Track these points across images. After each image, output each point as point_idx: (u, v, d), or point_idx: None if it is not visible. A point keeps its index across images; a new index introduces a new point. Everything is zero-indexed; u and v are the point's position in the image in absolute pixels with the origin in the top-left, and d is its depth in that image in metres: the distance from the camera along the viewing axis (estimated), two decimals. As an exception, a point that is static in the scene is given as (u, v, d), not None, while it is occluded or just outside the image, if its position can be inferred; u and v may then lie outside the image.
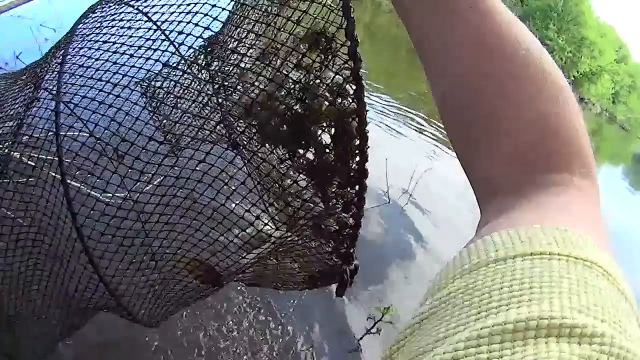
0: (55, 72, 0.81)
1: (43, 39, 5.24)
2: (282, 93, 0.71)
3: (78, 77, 0.80)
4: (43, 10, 5.68)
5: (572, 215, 0.39)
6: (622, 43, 25.20)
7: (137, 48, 0.81)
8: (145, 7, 0.91)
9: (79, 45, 0.86)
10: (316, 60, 0.66)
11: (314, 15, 0.66)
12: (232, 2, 0.85)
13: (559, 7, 20.79)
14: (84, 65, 0.80)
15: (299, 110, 0.70)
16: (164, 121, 0.94)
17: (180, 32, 0.78)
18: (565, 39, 20.51)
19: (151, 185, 0.84)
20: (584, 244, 0.32)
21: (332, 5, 0.63)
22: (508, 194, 0.43)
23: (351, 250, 0.77)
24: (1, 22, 5.17)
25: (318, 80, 0.66)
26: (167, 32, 0.81)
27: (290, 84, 0.70)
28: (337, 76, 0.64)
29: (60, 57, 0.83)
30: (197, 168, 0.83)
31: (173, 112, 0.93)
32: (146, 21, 0.88)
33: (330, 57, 0.64)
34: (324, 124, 0.68)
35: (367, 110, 0.64)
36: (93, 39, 0.87)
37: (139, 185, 0.83)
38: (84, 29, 0.92)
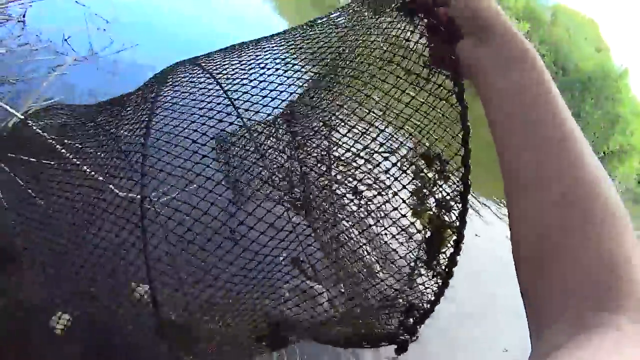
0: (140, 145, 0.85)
1: (95, 28, 5.35)
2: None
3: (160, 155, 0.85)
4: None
5: (623, 356, 0.42)
6: (654, 124, 24.88)
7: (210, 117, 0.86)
8: (218, 74, 0.99)
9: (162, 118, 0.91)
10: (430, 177, 0.74)
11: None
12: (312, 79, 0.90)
13: (598, 82, 20.85)
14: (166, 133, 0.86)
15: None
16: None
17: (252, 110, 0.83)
18: (600, 114, 20.53)
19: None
20: None
21: (448, 128, 0.71)
22: (563, 328, 0.47)
23: (418, 327, 0.82)
24: (56, 3, 5.29)
25: (427, 192, 0.74)
26: (237, 104, 0.88)
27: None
28: (445, 192, 0.71)
29: (144, 128, 0.87)
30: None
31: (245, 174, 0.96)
32: (218, 90, 0.95)
33: (441, 178, 0.72)
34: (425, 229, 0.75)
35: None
36: (173, 111, 0.91)
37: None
38: (165, 98, 0.96)
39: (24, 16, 5.08)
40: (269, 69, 0.90)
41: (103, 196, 0.90)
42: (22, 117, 3.25)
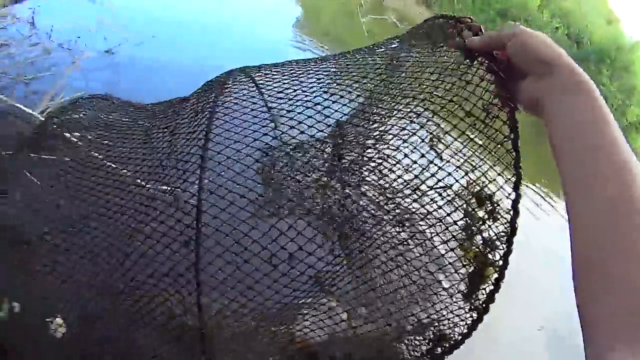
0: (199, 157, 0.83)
1: (104, 22, 5.36)
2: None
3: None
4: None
5: None
6: (671, 96, 24.42)
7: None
8: (269, 95, 0.98)
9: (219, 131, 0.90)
10: (480, 215, 0.78)
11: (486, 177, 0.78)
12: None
13: (613, 54, 20.40)
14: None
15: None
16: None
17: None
18: (617, 86, 20.10)
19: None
20: None
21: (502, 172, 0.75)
22: (614, 357, 0.48)
23: (446, 357, 0.84)
24: (65, 2, 5.29)
25: (475, 229, 0.77)
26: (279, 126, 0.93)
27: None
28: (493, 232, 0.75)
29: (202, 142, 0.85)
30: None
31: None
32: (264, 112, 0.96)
33: (491, 218, 0.76)
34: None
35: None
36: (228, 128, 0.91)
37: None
38: (225, 111, 0.95)
39: (33, 17, 5.09)
40: (322, 98, 0.93)
41: (154, 204, 0.88)
42: (40, 116, 3.24)
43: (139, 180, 0.94)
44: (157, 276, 0.88)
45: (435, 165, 0.84)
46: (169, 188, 0.88)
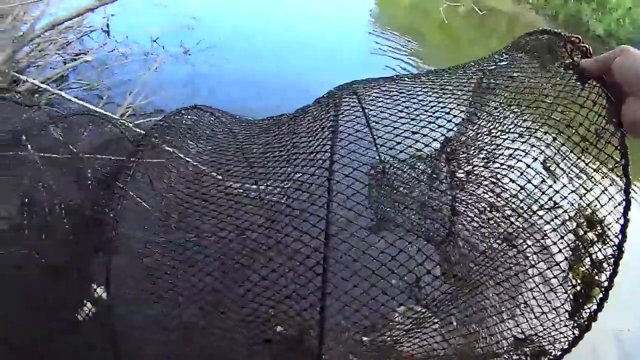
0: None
1: (180, 26, 5.52)
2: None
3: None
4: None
5: None
6: None
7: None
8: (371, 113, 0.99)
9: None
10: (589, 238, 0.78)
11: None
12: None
13: None
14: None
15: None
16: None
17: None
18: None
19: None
20: None
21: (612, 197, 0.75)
22: None
23: None
24: (141, 7, 5.48)
25: (584, 251, 0.78)
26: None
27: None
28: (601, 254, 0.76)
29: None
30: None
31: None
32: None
33: (600, 241, 0.77)
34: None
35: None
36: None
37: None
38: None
39: (107, 26, 5.34)
40: (444, 119, 0.92)
41: (277, 226, 0.87)
42: (121, 119, 3.37)
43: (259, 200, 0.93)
44: (278, 298, 0.87)
45: (551, 187, 0.85)
46: (293, 210, 0.86)
